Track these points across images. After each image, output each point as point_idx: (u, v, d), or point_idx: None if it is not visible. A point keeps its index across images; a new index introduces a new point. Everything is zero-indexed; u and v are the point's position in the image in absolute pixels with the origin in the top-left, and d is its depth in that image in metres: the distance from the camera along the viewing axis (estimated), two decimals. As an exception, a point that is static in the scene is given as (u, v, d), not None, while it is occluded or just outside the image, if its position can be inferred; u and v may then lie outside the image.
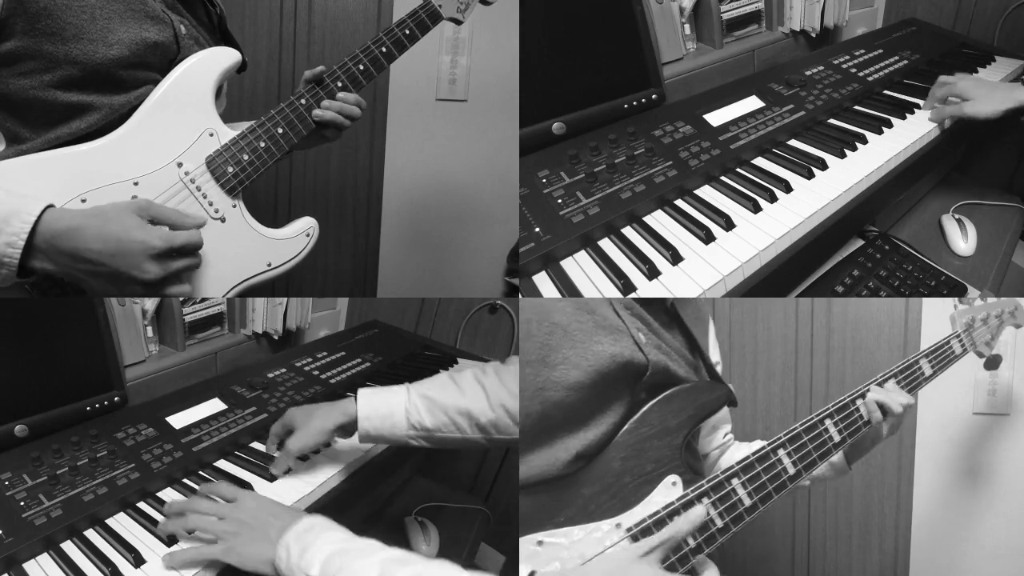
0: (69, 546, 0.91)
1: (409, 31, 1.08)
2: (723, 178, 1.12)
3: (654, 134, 1.19)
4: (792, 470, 0.78)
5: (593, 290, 0.92)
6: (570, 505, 0.67)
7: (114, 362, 1.27)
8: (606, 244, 1.01)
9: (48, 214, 0.82)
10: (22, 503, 0.93)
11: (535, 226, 0.99)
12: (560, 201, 1.04)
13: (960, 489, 1.50)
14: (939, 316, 1.49)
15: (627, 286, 0.91)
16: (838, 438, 0.84)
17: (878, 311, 1.53)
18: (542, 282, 0.94)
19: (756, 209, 1.04)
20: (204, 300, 1.58)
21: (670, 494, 0.70)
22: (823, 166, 1.14)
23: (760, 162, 1.17)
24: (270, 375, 1.45)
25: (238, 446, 1.19)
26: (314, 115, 1.03)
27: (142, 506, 1.00)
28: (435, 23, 1.10)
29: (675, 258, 0.95)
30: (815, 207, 1.04)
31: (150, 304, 1.46)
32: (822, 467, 0.89)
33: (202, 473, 1.10)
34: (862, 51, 1.54)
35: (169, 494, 1.04)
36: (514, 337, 1.94)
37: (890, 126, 1.25)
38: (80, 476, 1.01)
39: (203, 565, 0.85)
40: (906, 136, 1.23)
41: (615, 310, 0.74)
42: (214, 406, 1.28)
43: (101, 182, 0.91)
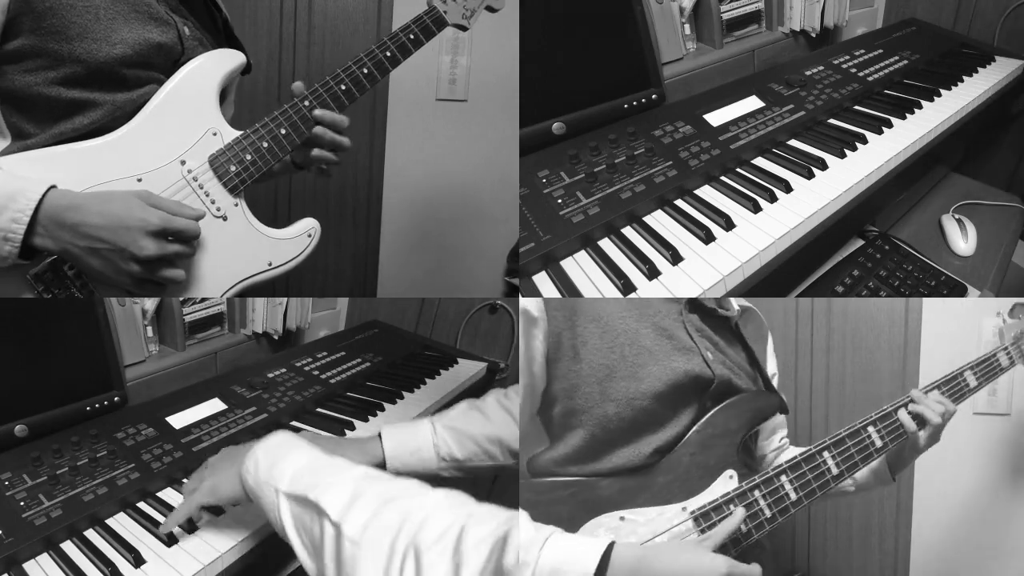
0: (69, 546, 0.91)
1: (414, 36, 1.08)
2: (723, 178, 1.12)
3: (654, 134, 1.19)
4: (835, 471, 0.88)
5: (593, 290, 0.92)
6: (647, 490, 0.81)
7: (114, 362, 1.27)
8: (606, 244, 1.01)
9: (52, 193, 0.85)
10: (22, 503, 0.93)
11: (535, 226, 0.99)
12: (560, 201, 1.04)
13: (960, 489, 1.50)
14: (939, 316, 1.49)
15: (627, 286, 0.91)
16: (880, 444, 0.92)
17: (878, 311, 1.52)
18: (542, 282, 0.94)
19: (756, 209, 1.04)
20: (204, 300, 1.58)
21: (727, 485, 0.83)
22: (823, 166, 1.14)
23: (760, 162, 1.17)
24: (270, 375, 1.45)
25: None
26: (315, 115, 1.03)
27: (142, 506, 1.00)
28: (440, 29, 1.10)
29: (675, 258, 0.95)
30: (815, 207, 1.04)
31: (150, 304, 1.46)
32: (865, 474, 1.00)
33: (202, 473, 1.11)
34: (862, 51, 1.54)
35: (169, 494, 1.05)
36: (514, 337, 1.93)
37: (890, 126, 1.25)
38: (80, 476, 1.01)
39: (190, 514, 0.88)
40: (906, 136, 1.23)
41: (688, 333, 0.87)
42: (214, 406, 1.28)
43: (105, 178, 0.92)
